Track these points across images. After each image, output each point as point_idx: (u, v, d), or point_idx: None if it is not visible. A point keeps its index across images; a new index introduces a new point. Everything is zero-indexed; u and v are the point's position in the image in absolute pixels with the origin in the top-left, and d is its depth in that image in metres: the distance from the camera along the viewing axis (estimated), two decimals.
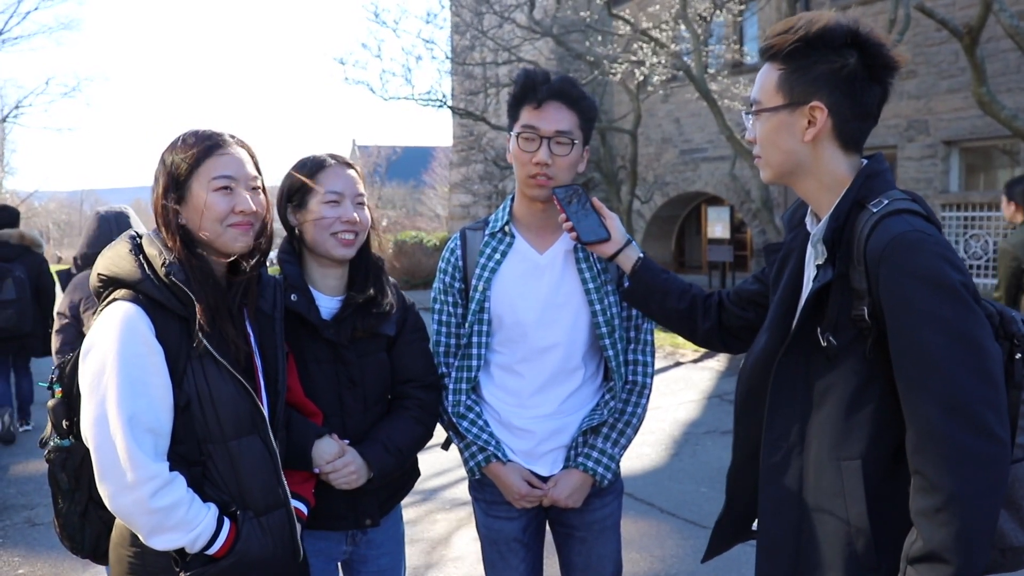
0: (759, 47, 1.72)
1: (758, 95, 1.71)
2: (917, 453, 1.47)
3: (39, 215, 57.86)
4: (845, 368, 1.60)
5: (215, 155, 1.82)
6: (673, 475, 5.79)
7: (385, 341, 2.29)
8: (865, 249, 1.53)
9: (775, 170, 1.73)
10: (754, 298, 2.06)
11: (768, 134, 1.69)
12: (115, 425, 1.66)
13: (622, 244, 2.23)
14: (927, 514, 1.44)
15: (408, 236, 23.96)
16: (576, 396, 2.36)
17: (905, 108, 12.81)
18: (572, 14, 15.78)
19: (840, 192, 1.65)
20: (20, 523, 5.12)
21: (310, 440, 2.08)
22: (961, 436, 1.41)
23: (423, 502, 5.30)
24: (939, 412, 1.43)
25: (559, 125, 2.21)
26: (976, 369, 1.43)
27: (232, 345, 1.84)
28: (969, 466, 1.41)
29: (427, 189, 41.61)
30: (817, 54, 1.61)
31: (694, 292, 2.18)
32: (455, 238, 2.46)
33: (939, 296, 1.45)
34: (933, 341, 1.44)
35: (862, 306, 1.53)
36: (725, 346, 2.18)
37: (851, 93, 1.61)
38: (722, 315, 2.14)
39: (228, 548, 1.77)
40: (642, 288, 2.19)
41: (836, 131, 1.64)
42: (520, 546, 2.42)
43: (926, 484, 1.44)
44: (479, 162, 21.08)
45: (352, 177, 2.22)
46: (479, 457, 2.35)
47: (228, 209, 1.81)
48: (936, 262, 1.46)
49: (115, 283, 1.79)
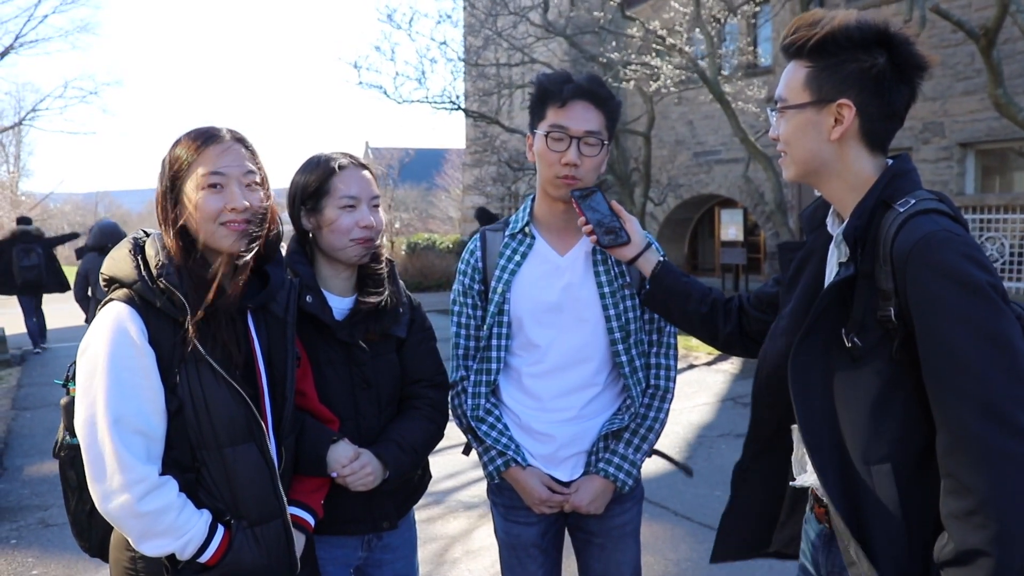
0: (783, 43, 1.69)
1: (784, 92, 1.68)
2: (949, 456, 1.43)
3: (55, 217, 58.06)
4: (870, 370, 1.56)
5: (207, 152, 1.77)
6: (687, 479, 5.75)
7: (395, 342, 2.28)
8: (892, 248, 1.50)
9: (799, 168, 1.70)
10: (774, 300, 2.02)
11: (794, 132, 1.67)
12: (103, 427, 1.64)
13: (642, 247, 2.16)
14: (959, 517, 1.41)
15: (421, 238, 24.01)
16: (597, 400, 2.34)
17: (920, 110, 12.73)
18: (586, 15, 15.78)
19: (864, 191, 1.62)
20: (34, 524, 5.14)
21: (325, 445, 2.06)
22: (994, 437, 1.38)
23: (435, 505, 5.29)
24: (971, 413, 1.39)
25: (589, 125, 2.18)
26: (1008, 368, 1.40)
27: (228, 349, 1.80)
28: (1003, 468, 1.37)
29: (440, 191, 41.60)
30: (847, 52, 1.58)
31: (715, 296, 2.14)
32: (475, 239, 2.44)
33: (967, 296, 1.42)
34: (963, 341, 1.41)
35: (889, 307, 1.50)
36: (745, 350, 2.14)
37: (880, 93, 1.59)
38: (742, 319, 2.10)
39: (219, 557, 1.74)
40: (662, 292, 2.14)
41: (863, 131, 1.62)
42: (538, 551, 2.39)
43: (958, 486, 1.41)
44: (492, 164, 21.05)
45: (367, 179, 2.19)
46: (498, 461, 2.32)
47: (220, 207, 1.75)
48: (964, 262, 1.43)
49: (114, 283, 1.77)
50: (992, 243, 12.02)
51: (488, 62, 18.23)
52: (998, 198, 12.14)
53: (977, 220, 12.22)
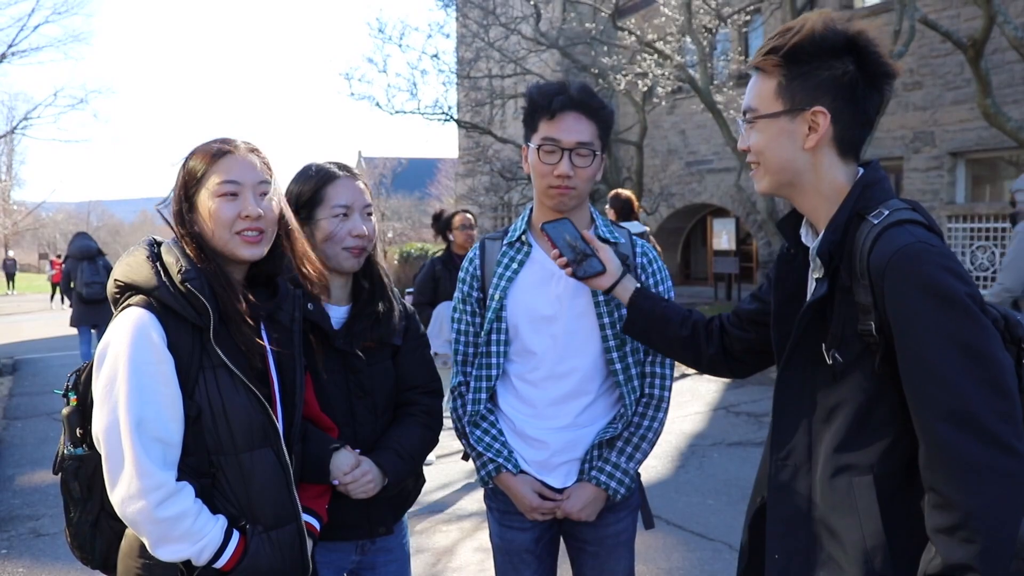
0: (752, 58, 1.69)
1: (754, 103, 1.67)
2: (930, 469, 1.44)
3: (47, 226, 58.01)
4: (852, 384, 1.56)
5: (222, 161, 1.80)
6: (680, 487, 5.76)
7: (390, 350, 2.30)
8: (868, 262, 1.50)
9: (774, 179, 1.68)
10: (754, 317, 2.00)
11: (767, 142, 1.65)
12: (124, 432, 1.65)
13: (618, 276, 2.14)
14: (944, 531, 1.40)
15: (413, 247, 24.00)
16: (592, 409, 2.34)
17: (911, 119, 12.82)
18: (578, 26, 15.85)
19: (838, 202, 1.62)
20: (25, 534, 5.11)
21: (327, 453, 2.07)
22: (973, 450, 1.37)
23: (429, 515, 5.28)
24: (949, 426, 1.39)
25: (580, 136, 2.19)
26: (986, 380, 1.39)
27: (247, 356, 1.82)
28: (984, 481, 1.37)
29: (433, 200, 41.65)
30: (817, 60, 1.58)
31: (695, 318, 2.12)
32: (474, 248, 2.47)
33: (944, 308, 1.42)
34: (939, 354, 1.41)
35: (869, 321, 1.50)
36: (731, 371, 2.11)
37: (853, 99, 1.59)
38: (724, 339, 2.07)
39: (235, 562, 1.75)
40: (642, 318, 2.11)
41: (836, 138, 1.62)
42: (532, 558, 2.40)
43: (941, 501, 1.41)
44: (485, 174, 21.09)
45: (360, 188, 2.22)
46: (489, 467, 2.34)
47: (234, 215, 1.79)
48: (940, 273, 1.43)
49: (131, 289, 1.77)
50: (983, 252, 12.09)
51: (481, 73, 18.29)
52: (988, 207, 12.22)
53: (968, 229, 12.30)
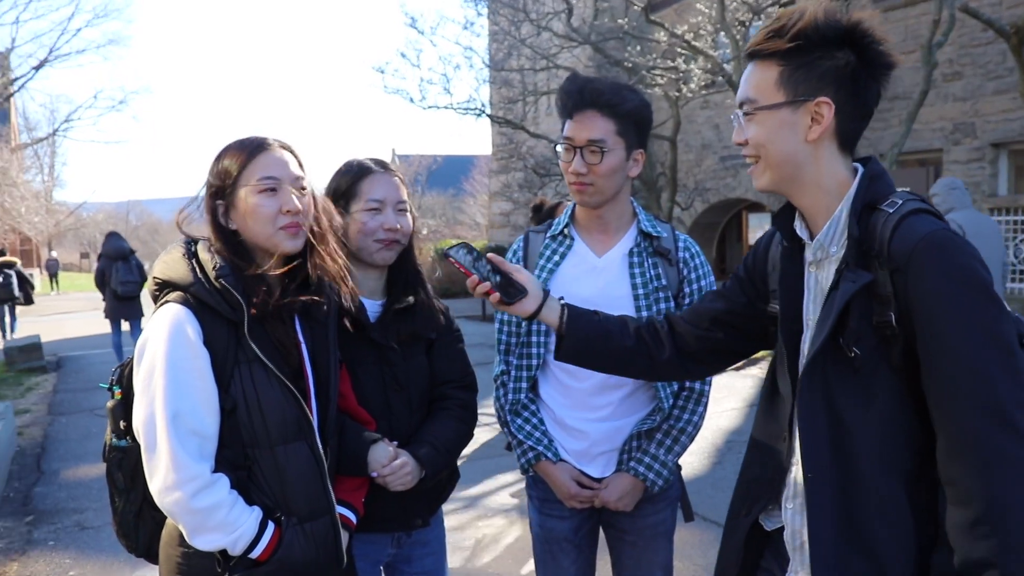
0: (748, 47, 1.64)
1: (753, 94, 1.61)
2: (951, 461, 1.40)
3: (87, 226, 59.11)
4: (870, 379, 1.52)
5: (259, 157, 1.85)
6: (716, 483, 5.75)
7: (425, 344, 2.33)
8: (889, 250, 1.46)
9: (775, 173, 1.63)
10: (721, 317, 1.93)
11: (768, 134, 1.60)
12: (161, 425, 1.70)
13: (542, 297, 1.99)
14: (963, 527, 1.37)
15: (448, 244, 24.06)
16: (630, 400, 2.36)
17: (951, 110, 12.60)
18: (610, 21, 15.77)
19: (839, 195, 1.59)
20: (71, 526, 5.23)
21: (365, 446, 2.10)
22: (1000, 440, 1.35)
23: (465, 508, 5.32)
24: (977, 416, 1.36)
25: (592, 134, 2.21)
26: (1011, 371, 1.37)
27: (282, 350, 1.86)
28: (1009, 472, 1.34)
29: (467, 197, 41.78)
30: (820, 50, 1.55)
31: (636, 324, 2.00)
32: (518, 240, 2.53)
33: (976, 297, 1.39)
34: (970, 343, 1.38)
35: (888, 312, 1.46)
36: (687, 374, 2.04)
37: (856, 91, 1.56)
38: (678, 341, 1.97)
39: (270, 553, 1.79)
40: (579, 337, 1.96)
41: (838, 131, 1.59)
42: (571, 547, 2.43)
43: (961, 495, 1.38)
44: (519, 170, 21.08)
45: (394, 184, 2.25)
46: (529, 455, 2.38)
47: (276, 210, 1.83)
48: (970, 262, 1.41)
49: (168, 286, 1.83)
50: None
51: (513, 69, 18.28)
52: None
53: (1011, 222, 12.06)
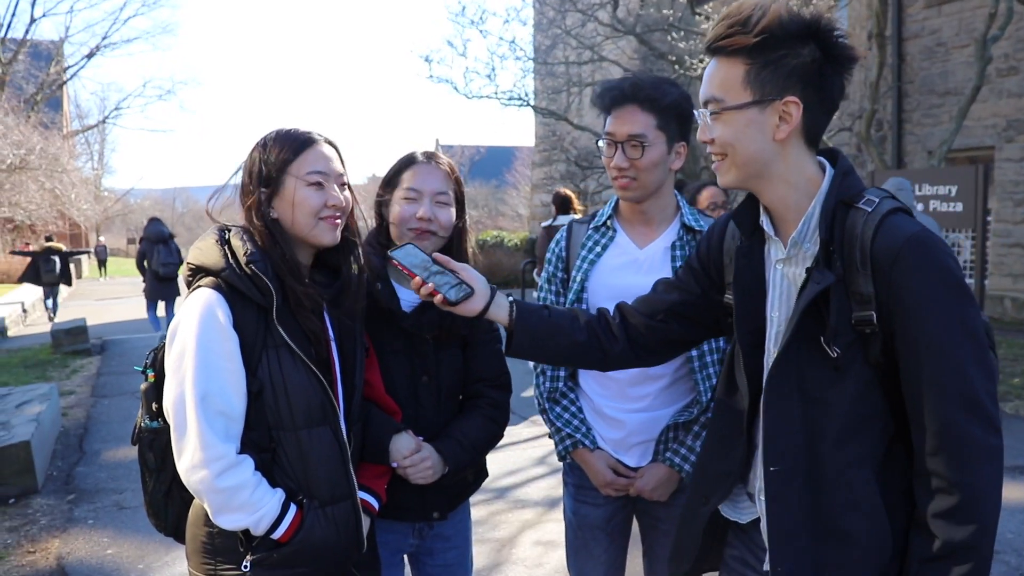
0: (708, 40, 1.61)
1: (718, 93, 1.59)
2: (933, 454, 1.46)
3: (135, 212, 60.26)
4: (851, 376, 1.54)
5: (308, 152, 1.90)
6: None
7: (460, 338, 2.31)
8: (872, 250, 1.48)
9: (741, 172, 1.61)
10: (675, 309, 1.92)
11: (735, 134, 1.58)
12: (190, 406, 1.74)
13: (489, 296, 1.93)
14: (943, 515, 1.44)
15: (489, 235, 24.12)
16: (668, 392, 2.37)
17: (1004, 107, 12.26)
18: (655, 12, 15.63)
19: (808, 191, 1.59)
20: (109, 506, 5.33)
21: (388, 435, 2.11)
22: (978, 432, 1.43)
23: (493, 501, 5.31)
24: (959, 410, 1.43)
25: (632, 128, 2.23)
26: (984, 364, 1.45)
27: (310, 336, 1.90)
28: (985, 461, 1.43)
29: (510, 189, 41.83)
30: (785, 47, 1.53)
31: (587, 318, 1.98)
32: (562, 230, 2.56)
33: (957, 295, 1.45)
34: (952, 340, 1.44)
35: (869, 310, 1.49)
36: (640, 363, 2.03)
37: (821, 86, 1.56)
38: (630, 332, 1.96)
39: (291, 534, 1.82)
40: (528, 334, 1.93)
41: (804, 127, 1.57)
42: (603, 535, 2.45)
43: (943, 484, 1.44)
44: (561, 162, 21.05)
45: (436, 175, 2.24)
46: (567, 442, 2.41)
47: (321, 203, 1.88)
48: (951, 262, 1.46)
49: (201, 271, 1.88)
50: None
51: (557, 60, 18.21)
52: None
53: None
